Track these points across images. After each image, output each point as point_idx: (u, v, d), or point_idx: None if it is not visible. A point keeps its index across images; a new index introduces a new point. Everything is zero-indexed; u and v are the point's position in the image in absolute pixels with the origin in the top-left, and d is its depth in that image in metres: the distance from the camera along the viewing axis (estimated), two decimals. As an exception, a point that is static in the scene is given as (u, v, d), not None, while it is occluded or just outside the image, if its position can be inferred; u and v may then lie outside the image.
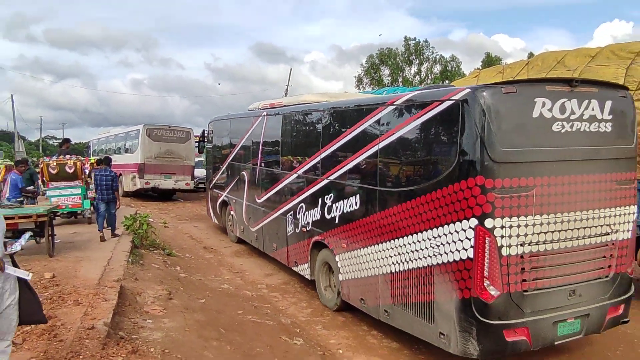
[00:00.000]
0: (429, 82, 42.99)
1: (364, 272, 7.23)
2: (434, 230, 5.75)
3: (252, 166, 11.80)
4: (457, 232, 5.45)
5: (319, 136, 8.70)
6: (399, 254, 6.39)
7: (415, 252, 6.09)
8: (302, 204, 9.08)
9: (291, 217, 9.53)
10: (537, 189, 5.38)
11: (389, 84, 42.78)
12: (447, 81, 41.79)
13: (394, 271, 6.51)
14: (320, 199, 8.39)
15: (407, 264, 6.25)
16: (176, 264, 10.20)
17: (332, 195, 8.04)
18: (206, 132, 15.78)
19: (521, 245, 5.36)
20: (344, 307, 8.11)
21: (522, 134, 5.45)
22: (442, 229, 5.65)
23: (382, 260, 6.74)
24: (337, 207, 7.88)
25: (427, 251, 5.90)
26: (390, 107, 6.84)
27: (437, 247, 5.73)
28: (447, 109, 5.69)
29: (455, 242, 5.50)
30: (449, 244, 5.57)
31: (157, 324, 6.12)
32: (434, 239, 5.76)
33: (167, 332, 5.86)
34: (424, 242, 5.94)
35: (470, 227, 5.30)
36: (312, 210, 8.70)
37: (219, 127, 14.67)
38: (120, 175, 19.23)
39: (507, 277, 5.33)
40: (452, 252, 5.54)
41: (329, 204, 8.13)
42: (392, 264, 6.53)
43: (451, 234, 5.53)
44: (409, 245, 6.19)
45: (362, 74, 46.15)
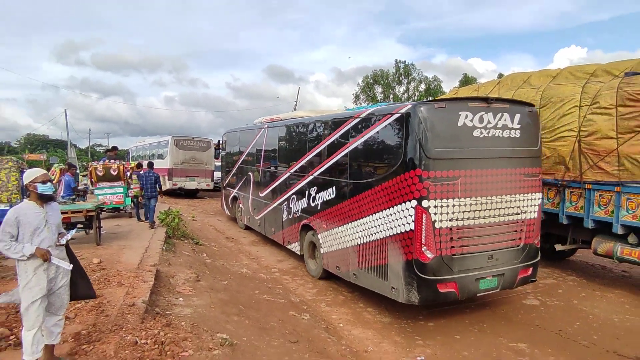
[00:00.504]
0: (415, 99, 42.93)
1: (338, 245, 7.93)
2: (387, 210, 6.52)
3: (256, 168, 12.40)
4: (403, 211, 6.22)
5: (306, 143, 9.36)
6: (363, 229, 7.12)
7: (374, 227, 6.83)
8: (294, 196, 9.77)
9: (286, 206, 10.22)
10: (462, 178, 6.19)
11: (381, 100, 42.67)
12: (430, 97, 41.74)
13: (359, 243, 7.25)
14: (306, 192, 9.09)
15: (369, 237, 6.98)
16: (203, 251, 10.18)
17: (316, 188, 8.72)
18: (221, 141, 16.32)
19: (450, 220, 6.15)
20: (325, 276, 8.79)
21: (450, 138, 6.19)
22: (392, 209, 6.42)
23: (351, 235, 7.44)
24: (319, 197, 8.60)
25: (382, 226, 6.64)
26: (356, 119, 7.52)
27: (389, 223, 6.49)
28: (396, 119, 6.47)
29: (401, 219, 6.26)
30: (397, 220, 6.33)
31: (187, 301, 6.12)
32: (387, 217, 6.52)
33: (195, 308, 5.86)
34: (380, 219, 6.68)
35: (411, 207, 6.07)
36: (301, 200, 9.41)
37: (231, 137, 15.24)
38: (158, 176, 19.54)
39: (439, 244, 6.12)
40: (400, 226, 6.29)
41: (313, 194, 8.83)
42: (358, 237, 7.25)
43: (398, 213, 6.30)
44: (370, 222, 6.93)
45: (358, 92, 45.97)
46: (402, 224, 6.27)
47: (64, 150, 54.88)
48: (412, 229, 6.08)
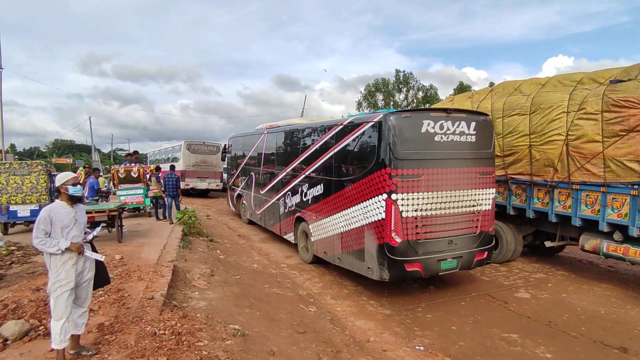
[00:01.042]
0: (413, 106, 42.78)
1: (325, 234, 8.61)
2: (364, 202, 7.22)
3: (257, 169, 12.99)
4: (376, 203, 6.93)
5: (299, 146, 9.98)
6: (345, 219, 7.83)
7: (354, 217, 7.53)
8: (289, 192, 10.39)
9: (282, 202, 10.87)
10: (424, 176, 6.88)
11: (382, 107, 42.58)
12: (427, 105, 41.59)
13: (342, 231, 7.93)
14: (300, 188, 9.73)
15: (350, 225, 7.68)
16: (217, 248, 10.19)
17: (307, 185, 9.37)
18: (227, 146, 16.88)
19: (415, 210, 6.84)
20: (315, 261, 9.49)
21: (414, 142, 6.86)
22: (368, 202, 7.11)
23: (336, 224, 8.16)
24: (310, 193, 9.26)
25: (360, 216, 7.35)
26: (340, 127, 8.16)
27: (366, 213, 7.19)
28: (371, 127, 7.16)
29: (375, 209, 6.96)
30: (372, 211, 7.04)
31: (202, 295, 6.13)
32: (364, 208, 7.23)
33: (210, 301, 5.87)
34: (358, 210, 7.40)
35: (383, 200, 6.78)
36: (295, 196, 10.04)
37: (236, 142, 15.80)
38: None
39: (406, 230, 6.80)
40: (374, 216, 6.99)
41: (305, 191, 9.49)
42: (342, 226, 7.95)
43: (373, 204, 7.01)
44: (351, 213, 7.63)
45: (361, 99, 45.90)
46: (376, 214, 6.96)
47: (89, 154, 55.21)
48: (383, 217, 6.79)
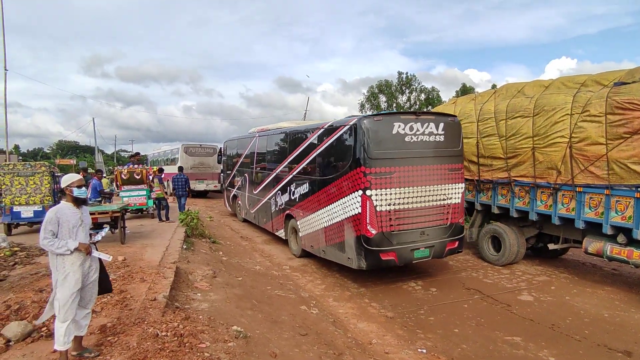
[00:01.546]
0: (416, 108, 42.71)
1: (311, 229, 9.25)
2: (343, 199, 7.88)
3: (250, 170, 13.62)
4: (353, 199, 7.58)
5: (287, 148, 10.61)
6: (328, 215, 8.47)
7: (335, 212, 8.18)
8: (279, 192, 11.04)
9: (273, 200, 11.54)
10: (396, 173, 7.50)
11: (385, 109, 42.53)
12: (430, 107, 41.54)
13: (326, 225, 8.58)
14: (288, 187, 10.40)
15: (332, 220, 8.32)
16: (219, 249, 10.19)
17: (295, 184, 10.02)
18: (222, 149, 17.58)
19: (388, 205, 7.48)
20: (303, 254, 10.12)
21: (386, 143, 7.49)
22: (347, 198, 7.77)
23: (320, 220, 8.80)
24: (297, 191, 9.90)
25: (340, 211, 8.00)
26: (321, 129, 8.82)
27: (345, 208, 7.85)
28: (348, 129, 7.80)
29: (352, 204, 7.62)
30: (350, 206, 7.68)
31: (205, 296, 6.13)
32: (343, 204, 7.88)
33: (212, 303, 5.87)
34: (339, 206, 8.04)
35: (359, 196, 7.43)
36: (284, 195, 10.71)
37: (230, 145, 16.45)
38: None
39: (380, 223, 7.44)
40: (351, 210, 7.64)
41: (293, 190, 10.14)
42: (325, 221, 8.59)
43: (350, 200, 7.66)
44: (332, 209, 8.28)
45: (364, 101, 45.82)
46: (353, 209, 7.63)
47: (92, 155, 55.37)
48: (360, 212, 7.45)
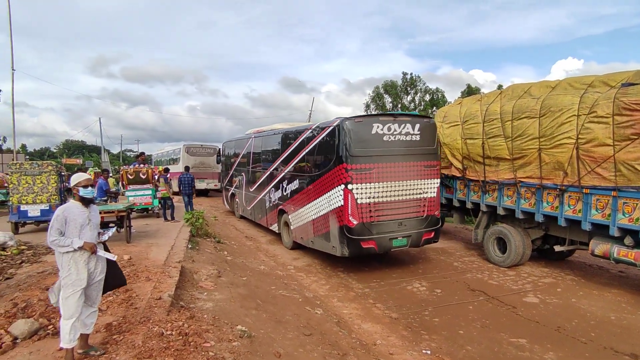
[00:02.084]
0: (421, 109, 42.57)
1: (301, 222, 10.02)
2: (328, 193, 8.66)
3: (247, 170, 14.43)
4: (337, 193, 8.37)
5: (279, 148, 11.41)
6: (315, 208, 9.25)
7: (321, 206, 8.97)
8: (272, 189, 11.80)
9: (267, 197, 12.30)
10: (375, 169, 8.26)
11: (390, 109, 42.39)
12: (434, 107, 41.38)
13: (313, 218, 9.36)
14: (281, 185, 11.16)
15: (319, 213, 9.10)
16: (224, 249, 10.22)
17: (286, 181, 10.80)
18: (221, 149, 18.41)
19: (368, 198, 8.26)
20: (295, 247, 10.88)
21: (366, 142, 8.25)
22: (331, 192, 8.56)
23: (309, 213, 9.56)
24: (289, 188, 10.66)
25: (326, 204, 8.79)
26: (309, 130, 9.61)
27: (330, 202, 8.64)
28: (332, 130, 8.56)
29: (336, 198, 8.41)
30: (334, 199, 8.47)
31: (209, 296, 6.15)
32: (328, 197, 8.67)
33: (216, 302, 5.88)
34: (324, 200, 8.83)
35: (341, 189, 8.22)
36: (277, 191, 11.48)
37: (228, 146, 17.33)
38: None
39: (361, 214, 8.22)
40: (335, 203, 8.44)
41: (285, 186, 10.88)
42: (313, 214, 9.38)
43: (334, 194, 8.45)
44: (319, 202, 9.06)
45: (369, 101, 45.70)
46: (336, 202, 8.41)
47: (99, 155, 55.67)
48: (342, 204, 8.24)
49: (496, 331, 6.17)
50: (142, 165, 13.41)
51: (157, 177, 13.66)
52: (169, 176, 13.98)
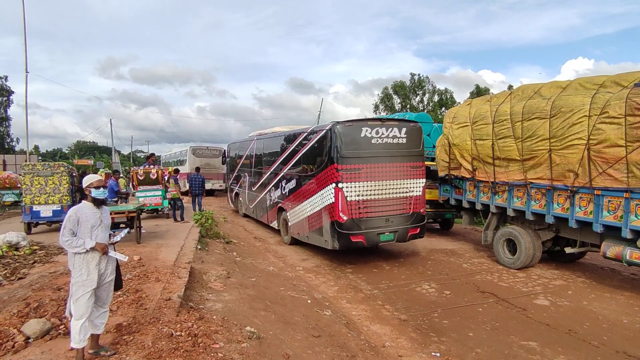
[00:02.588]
0: (429, 109, 42.40)
1: (298, 218, 10.72)
2: (321, 191, 9.36)
3: (249, 170, 15.10)
4: (329, 191, 9.07)
5: (278, 149, 12.16)
6: (310, 205, 9.94)
7: (315, 203, 9.66)
8: (273, 188, 12.53)
9: (268, 196, 13.01)
10: (364, 169, 8.95)
11: (399, 110, 42.28)
12: (443, 108, 41.19)
13: (309, 215, 10.07)
14: (280, 184, 11.88)
15: (313, 210, 9.80)
16: (233, 250, 10.25)
17: (285, 181, 11.48)
18: (225, 151, 19.39)
19: (357, 195, 8.94)
20: (293, 242, 11.50)
21: (356, 144, 8.94)
22: (324, 190, 9.26)
23: (304, 210, 10.28)
24: (287, 187, 11.34)
25: (319, 202, 9.47)
26: (305, 133, 10.36)
27: (323, 199, 9.32)
28: (325, 133, 9.27)
29: (328, 195, 9.09)
30: (326, 196, 9.16)
31: (218, 297, 6.17)
32: (321, 195, 9.36)
33: (225, 303, 5.90)
34: (318, 197, 9.51)
35: (333, 188, 8.92)
36: (277, 190, 12.19)
37: (233, 147, 18.10)
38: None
39: (351, 210, 8.91)
40: (327, 200, 9.12)
41: (284, 185, 11.59)
42: (308, 211, 10.08)
43: (327, 192, 9.15)
44: (313, 200, 9.76)
45: (378, 102, 45.65)
46: (328, 199, 9.08)
47: (109, 156, 56.15)
48: (333, 201, 8.92)
49: (506, 334, 6.11)
50: (152, 166, 13.51)
51: (167, 178, 13.74)
52: (178, 177, 14.07)
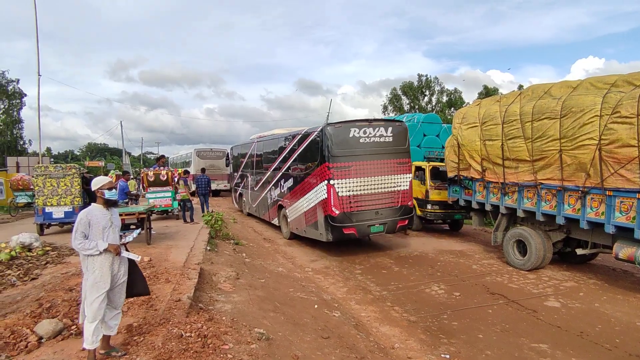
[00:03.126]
0: (438, 110, 42.20)
1: (296, 214, 11.61)
2: (316, 188, 10.21)
3: (252, 171, 16.00)
4: (322, 187, 9.90)
5: (277, 150, 13.10)
6: (306, 201, 10.79)
7: (311, 199, 10.51)
8: (273, 187, 13.42)
9: (269, 195, 13.89)
10: (353, 166, 9.83)
11: (408, 111, 42.13)
12: (452, 108, 40.96)
13: (305, 210, 10.93)
14: (279, 183, 12.79)
15: (309, 205, 10.65)
16: (242, 251, 10.27)
17: (284, 180, 12.39)
18: (229, 154, 20.37)
19: (348, 191, 9.81)
20: (292, 237, 12.39)
21: (345, 144, 9.85)
22: (318, 187, 10.10)
23: (301, 206, 11.13)
24: (286, 185, 12.22)
25: (314, 198, 10.33)
26: (300, 135, 11.28)
27: (317, 195, 10.16)
28: (316, 134, 10.22)
29: (321, 191, 9.93)
30: (320, 193, 10.00)
31: (228, 298, 6.18)
32: (316, 191, 10.21)
33: (235, 304, 5.91)
34: (313, 194, 10.37)
35: (325, 184, 9.77)
36: (277, 189, 13.08)
37: (236, 150, 18.99)
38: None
39: (342, 205, 9.78)
40: (321, 196, 9.96)
41: (282, 184, 12.52)
42: (305, 207, 10.92)
43: (320, 188, 9.98)
44: (309, 196, 10.62)
45: (386, 103, 45.51)
46: (322, 195, 9.90)
47: (120, 157, 56.65)
48: (326, 197, 9.76)
49: (516, 336, 6.05)
50: (162, 168, 13.58)
51: (176, 179, 13.82)
52: (189, 177, 14.16)
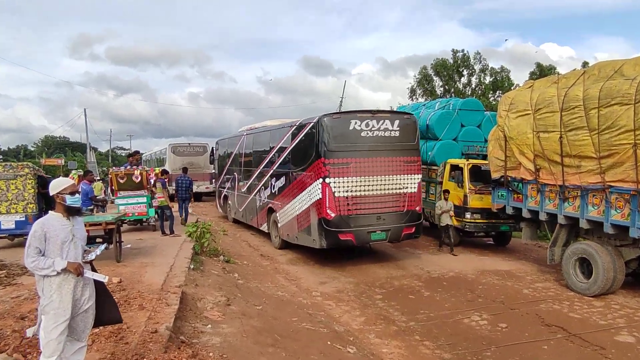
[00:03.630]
0: (479, 93, 41.86)
1: (287, 218, 12.31)
2: (309, 187, 10.86)
3: (239, 169, 16.72)
4: (316, 186, 10.54)
5: (267, 144, 13.83)
6: (299, 203, 11.46)
7: (303, 200, 11.16)
8: (263, 187, 14.15)
9: (258, 196, 14.63)
10: (353, 164, 10.45)
11: (441, 95, 41.82)
12: (499, 91, 40.68)
13: (297, 213, 11.59)
14: (270, 182, 13.46)
15: (302, 208, 11.32)
16: (234, 270, 10.29)
17: (274, 178, 13.11)
18: (214, 149, 21.04)
19: (345, 191, 10.41)
20: (283, 246, 13.08)
21: (344, 137, 10.53)
22: (311, 186, 10.74)
23: (293, 209, 11.80)
24: (277, 185, 12.90)
25: (307, 199, 10.98)
26: (294, 127, 12.05)
27: (310, 195, 10.81)
28: (312, 126, 10.88)
29: (315, 191, 10.58)
30: (314, 192, 10.63)
31: (216, 329, 6.20)
32: (309, 191, 10.86)
33: (225, 337, 5.92)
34: (306, 194, 11.03)
35: (320, 183, 10.37)
36: (266, 189, 13.79)
37: (221, 144, 19.78)
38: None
39: (339, 207, 10.37)
40: (315, 196, 10.60)
41: (273, 184, 13.17)
42: (297, 210, 11.60)
43: (314, 187, 10.62)
44: (302, 197, 11.29)
45: (414, 85, 45.20)
46: (316, 195, 10.51)
47: (83, 154, 57.04)
48: (321, 197, 10.30)
49: (579, 379, 6.01)
50: (135, 167, 13.54)
51: (153, 181, 13.80)
52: (167, 180, 14.15)
